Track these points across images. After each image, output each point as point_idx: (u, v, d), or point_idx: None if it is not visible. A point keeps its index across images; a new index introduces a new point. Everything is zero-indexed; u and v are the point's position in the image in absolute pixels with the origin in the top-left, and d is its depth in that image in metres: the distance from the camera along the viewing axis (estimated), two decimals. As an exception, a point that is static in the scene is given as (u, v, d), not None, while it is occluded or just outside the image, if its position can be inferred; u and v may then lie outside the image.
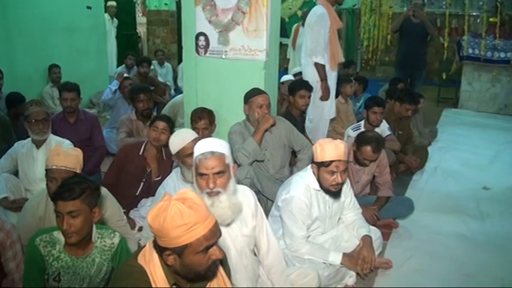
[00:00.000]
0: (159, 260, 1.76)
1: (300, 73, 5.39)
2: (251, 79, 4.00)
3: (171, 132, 3.72)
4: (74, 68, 7.34)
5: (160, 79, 8.20)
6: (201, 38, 4.18)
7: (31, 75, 6.97)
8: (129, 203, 3.60)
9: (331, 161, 2.79)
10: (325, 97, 4.89)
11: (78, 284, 2.34)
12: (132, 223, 3.43)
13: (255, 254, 2.60)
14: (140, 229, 3.46)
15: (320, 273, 2.83)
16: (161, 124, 3.72)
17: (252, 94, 3.75)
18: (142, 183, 3.74)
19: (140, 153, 3.76)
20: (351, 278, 3.08)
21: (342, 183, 2.88)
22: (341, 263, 2.92)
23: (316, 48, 4.75)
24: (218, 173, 2.22)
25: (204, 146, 2.27)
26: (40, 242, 2.28)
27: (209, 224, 1.67)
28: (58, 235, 2.29)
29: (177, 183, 3.18)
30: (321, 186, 2.90)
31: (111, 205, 2.99)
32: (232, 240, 2.40)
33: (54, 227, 2.33)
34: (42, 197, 2.82)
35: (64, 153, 2.70)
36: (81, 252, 2.30)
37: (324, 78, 4.81)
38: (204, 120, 3.92)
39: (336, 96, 5.44)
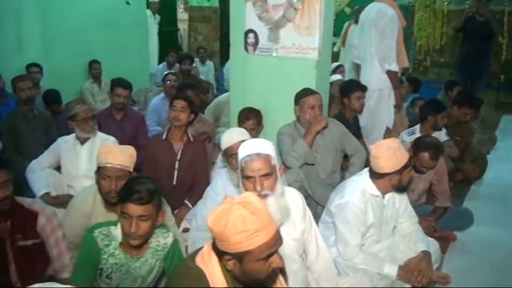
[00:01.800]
0: (218, 263, 1.77)
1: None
2: (302, 78, 3.99)
3: (192, 111, 3.83)
4: (115, 64, 7.51)
5: (201, 77, 8.28)
6: (250, 35, 4.21)
7: (71, 71, 7.17)
8: (169, 196, 3.62)
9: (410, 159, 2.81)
10: (399, 104, 4.89)
11: (130, 284, 2.39)
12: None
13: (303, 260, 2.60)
14: (185, 230, 3.50)
15: (375, 284, 2.81)
16: (180, 103, 3.79)
17: (303, 94, 3.75)
18: (176, 171, 3.81)
19: (164, 137, 3.85)
20: (407, 292, 3.04)
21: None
22: (396, 276, 2.88)
23: (389, 54, 4.67)
24: (265, 175, 2.23)
25: (249, 148, 2.28)
26: (99, 235, 2.34)
27: (271, 231, 1.67)
28: (115, 231, 2.35)
29: (226, 184, 3.21)
30: (397, 188, 2.91)
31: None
32: (283, 244, 2.40)
33: (110, 222, 2.39)
34: (90, 193, 2.88)
35: (119, 151, 2.75)
36: (136, 252, 2.36)
37: (397, 86, 4.77)
38: (251, 121, 3.95)
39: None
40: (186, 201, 3.76)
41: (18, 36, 6.71)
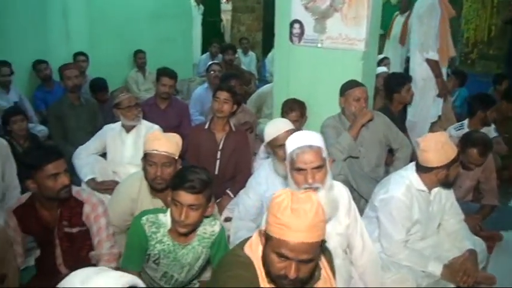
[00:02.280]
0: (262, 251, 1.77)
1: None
2: (348, 70, 3.91)
3: (234, 102, 3.82)
4: (159, 54, 7.60)
5: (243, 68, 8.28)
6: (296, 25, 4.15)
7: (116, 60, 7.31)
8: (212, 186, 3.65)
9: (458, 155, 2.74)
10: (443, 94, 4.80)
11: (177, 270, 2.43)
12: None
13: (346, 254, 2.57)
14: (226, 219, 3.50)
15: (419, 282, 2.76)
16: (223, 94, 3.79)
17: (348, 86, 3.68)
18: (218, 160, 3.83)
19: (206, 127, 3.87)
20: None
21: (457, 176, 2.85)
22: (441, 275, 2.80)
23: (427, 42, 4.61)
24: (317, 167, 2.20)
25: (300, 140, 2.25)
26: (146, 222, 2.38)
27: (298, 238, 1.61)
28: (164, 218, 2.38)
29: (269, 174, 3.20)
30: (444, 183, 2.84)
31: None
32: (327, 238, 2.36)
33: (158, 209, 2.43)
34: (136, 179, 2.93)
35: (165, 138, 2.79)
36: (184, 239, 2.38)
37: (438, 74, 4.68)
38: (295, 112, 3.90)
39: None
40: (228, 191, 3.77)
41: (66, 26, 6.87)
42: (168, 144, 2.77)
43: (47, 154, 2.43)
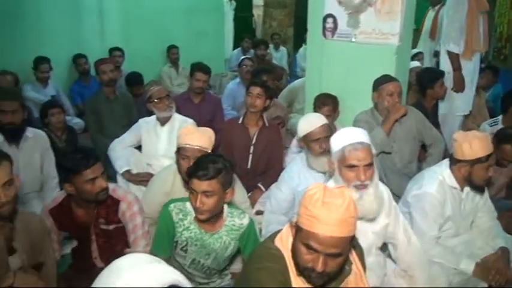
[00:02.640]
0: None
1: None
2: (381, 65, 3.85)
3: (267, 97, 3.81)
4: (192, 49, 7.66)
5: (275, 63, 8.25)
6: (329, 20, 4.10)
7: (150, 55, 7.39)
8: (243, 179, 3.60)
9: (489, 155, 2.66)
10: (457, 89, 4.65)
11: (204, 257, 2.46)
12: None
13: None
14: (258, 213, 3.50)
15: (450, 279, 2.73)
16: (256, 89, 3.78)
17: (382, 81, 3.63)
18: (250, 154, 3.83)
19: (240, 122, 3.88)
20: (482, 289, 2.90)
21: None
22: (472, 272, 2.75)
23: (450, 34, 4.53)
24: (368, 164, 2.20)
25: (351, 136, 2.25)
26: (173, 209, 2.42)
27: (328, 231, 1.60)
28: (190, 207, 2.41)
29: (301, 169, 3.19)
30: (470, 183, 2.77)
31: (237, 187, 3.06)
32: (362, 236, 2.35)
33: (186, 198, 2.44)
34: (170, 173, 2.97)
35: (198, 132, 2.82)
36: (211, 227, 2.40)
37: (456, 68, 4.60)
38: (328, 107, 3.87)
39: (476, 90, 5.12)
40: (260, 185, 3.77)
41: (101, 22, 7.00)
42: (201, 138, 2.79)
43: (85, 159, 2.43)
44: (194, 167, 2.29)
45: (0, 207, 2.07)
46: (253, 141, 3.83)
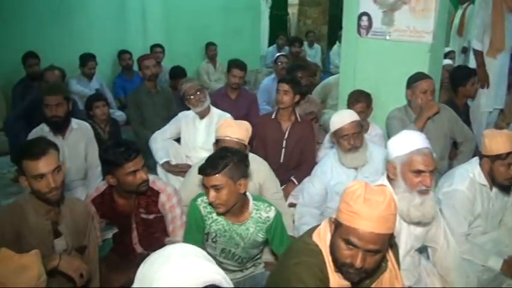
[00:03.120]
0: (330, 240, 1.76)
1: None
2: (415, 62, 3.79)
3: (296, 93, 3.80)
4: (229, 46, 7.72)
5: (309, 60, 8.22)
6: (364, 18, 4.07)
7: (189, 52, 7.50)
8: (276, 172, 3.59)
9: (508, 153, 2.59)
10: (481, 84, 4.63)
11: (233, 247, 2.48)
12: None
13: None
14: (290, 205, 3.51)
15: (478, 275, 2.69)
16: (283, 86, 3.78)
17: (416, 78, 3.58)
18: (283, 149, 3.83)
19: (273, 117, 3.88)
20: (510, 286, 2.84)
21: None
22: (500, 269, 2.71)
23: (474, 32, 4.53)
24: (432, 170, 2.19)
25: (417, 141, 2.21)
26: (201, 203, 2.45)
27: (369, 227, 1.59)
28: None
29: (334, 164, 3.18)
30: (493, 180, 2.72)
31: (268, 178, 3.10)
32: (405, 238, 2.35)
33: None
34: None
35: (237, 125, 2.86)
36: (237, 219, 2.41)
37: (479, 64, 4.57)
38: (361, 104, 3.82)
39: (508, 89, 5.01)
40: (293, 178, 3.78)
41: (143, 20, 7.14)
42: (239, 131, 2.84)
43: (127, 152, 2.46)
44: (203, 164, 2.31)
45: (50, 192, 2.14)
46: (286, 136, 3.83)
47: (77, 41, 6.27)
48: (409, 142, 2.21)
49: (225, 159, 2.25)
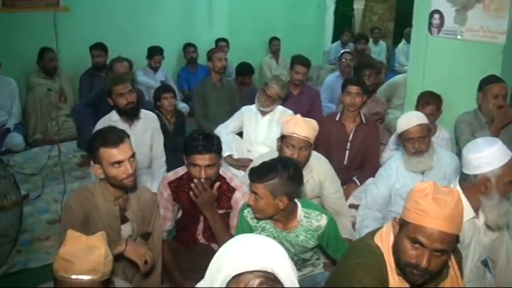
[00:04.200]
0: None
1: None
2: (487, 64, 3.65)
3: (365, 93, 3.75)
4: (292, 41, 7.69)
5: (374, 57, 8.06)
6: (436, 16, 3.95)
7: (252, 46, 7.54)
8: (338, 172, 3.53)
9: None
10: None
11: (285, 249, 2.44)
12: None
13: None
14: (351, 206, 3.47)
15: None
16: (354, 88, 3.69)
17: (487, 81, 3.45)
18: (347, 151, 3.78)
19: (337, 119, 3.81)
20: None
21: None
22: None
23: None
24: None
25: (506, 152, 2.17)
26: (248, 214, 2.44)
27: (438, 225, 1.57)
28: None
29: (400, 167, 3.11)
30: None
31: (329, 176, 3.08)
32: (474, 246, 2.29)
33: None
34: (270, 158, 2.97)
35: (305, 123, 2.84)
36: (285, 226, 2.39)
37: None
38: (431, 106, 3.66)
39: None
40: (355, 179, 3.73)
41: (209, 14, 7.24)
42: (307, 129, 2.82)
43: (201, 146, 2.49)
44: (255, 168, 2.30)
45: (126, 178, 2.22)
46: (350, 138, 3.77)
47: (144, 33, 6.48)
48: (501, 154, 2.15)
49: (273, 172, 2.21)
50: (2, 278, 2.93)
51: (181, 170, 2.78)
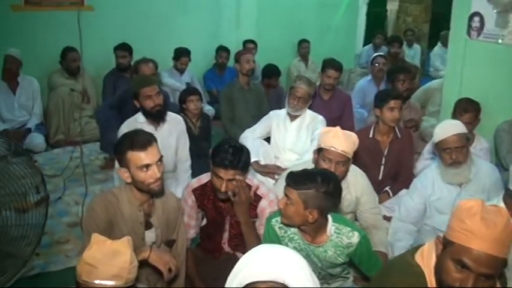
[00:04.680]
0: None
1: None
2: (529, 70, 3.59)
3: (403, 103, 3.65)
4: (322, 43, 7.69)
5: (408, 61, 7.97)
6: (476, 18, 3.89)
7: (280, 48, 7.52)
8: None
9: None
10: None
11: (312, 265, 2.41)
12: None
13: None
14: (384, 218, 3.43)
15: None
16: (397, 103, 3.56)
17: (530, 88, 3.38)
18: (382, 166, 3.72)
19: (370, 136, 3.72)
20: None
21: None
22: None
23: None
24: None
25: None
26: (275, 223, 2.43)
27: (485, 248, 1.53)
28: None
29: (436, 178, 3.05)
30: None
31: (366, 191, 3.03)
32: None
33: None
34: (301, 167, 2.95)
35: (344, 136, 2.77)
36: (313, 240, 2.36)
37: None
38: (469, 114, 3.58)
39: None
40: (388, 189, 3.69)
41: (237, 15, 7.26)
42: (346, 143, 2.75)
43: (228, 160, 2.50)
44: (293, 173, 2.28)
45: (154, 182, 2.23)
46: (385, 153, 3.70)
47: (171, 34, 6.55)
48: None
49: (312, 182, 2.20)
50: (20, 281, 2.97)
51: (205, 177, 2.79)
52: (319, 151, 2.82)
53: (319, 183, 2.19)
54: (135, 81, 3.71)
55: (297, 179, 2.22)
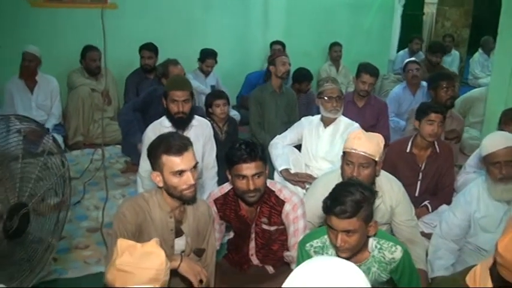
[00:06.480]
0: None
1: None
2: None
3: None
4: (355, 47, 7.69)
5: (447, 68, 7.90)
6: (525, 24, 3.89)
7: (310, 51, 7.57)
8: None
9: None
10: None
11: None
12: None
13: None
14: (422, 235, 3.41)
15: None
16: (438, 117, 3.57)
17: None
18: (419, 182, 3.70)
19: (408, 150, 3.70)
20: None
21: None
22: None
23: None
24: None
25: None
26: (310, 248, 2.41)
27: None
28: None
29: (482, 194, 3.01)
30: None
31: (402, 201, 3.00)
32: None
33: (324, 230, 2.36)
34: (334, 178, 2.91)
35: (366, 137, 2.77)
36: (355, 259, 2.31)
37: None
38: None
39: None
40: (427, 203, 3.67)
41: (265, 16, 7.30)
42: (368, 144, 2.73)
43: (246, 153, 2.52)
44: (331, 201, 2.15)
45: (188, 188, 2.27)
46: (422, 168, 3.70)
47: (196, 34, 6.65)
48: None
49: (359, 199, 2.12)
50: (37, 286, 3.02)
51: (227, 186, 2.82)
52: (343, 156, 2.83)
53: (361, 193, 2.14)
54: (169, 81, 3.79)
55: (347, 206, 2.09)
